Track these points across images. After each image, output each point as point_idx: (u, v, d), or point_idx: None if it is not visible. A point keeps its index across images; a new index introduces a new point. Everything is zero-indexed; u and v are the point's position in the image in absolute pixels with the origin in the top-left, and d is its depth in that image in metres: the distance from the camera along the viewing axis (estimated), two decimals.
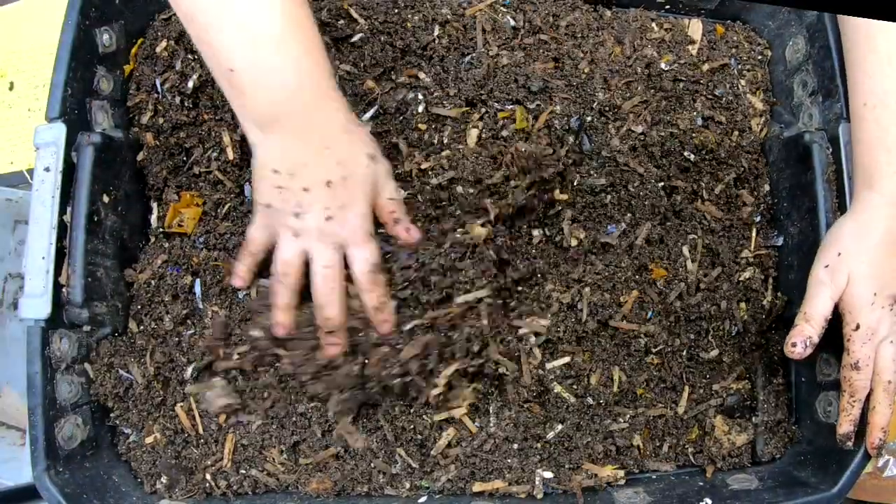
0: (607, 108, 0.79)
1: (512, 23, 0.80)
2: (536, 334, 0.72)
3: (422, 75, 0.78)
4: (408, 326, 0.69)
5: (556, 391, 0.73)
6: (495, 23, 0.80)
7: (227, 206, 0.76)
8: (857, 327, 0.68)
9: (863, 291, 0.68)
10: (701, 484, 0.73)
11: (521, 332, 0.72)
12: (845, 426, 0.69)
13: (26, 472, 0.66)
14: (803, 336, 0.69)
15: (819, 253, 0.71)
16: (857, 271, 0.68)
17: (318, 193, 0.64)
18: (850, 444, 0.69)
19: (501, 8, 0.82)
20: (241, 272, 0.71)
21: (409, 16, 0.79)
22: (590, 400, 0.73)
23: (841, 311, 0.69)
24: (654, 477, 0.75)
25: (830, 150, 0.75)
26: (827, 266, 0.69)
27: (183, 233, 0.76)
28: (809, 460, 0.73)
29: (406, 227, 0.70)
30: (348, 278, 0.68)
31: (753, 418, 0.77)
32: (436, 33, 0.79)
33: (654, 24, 0.84)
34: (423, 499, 0.72)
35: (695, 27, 0.84)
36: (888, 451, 0.87)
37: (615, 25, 0.83)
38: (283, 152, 0.64)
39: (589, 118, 0.78)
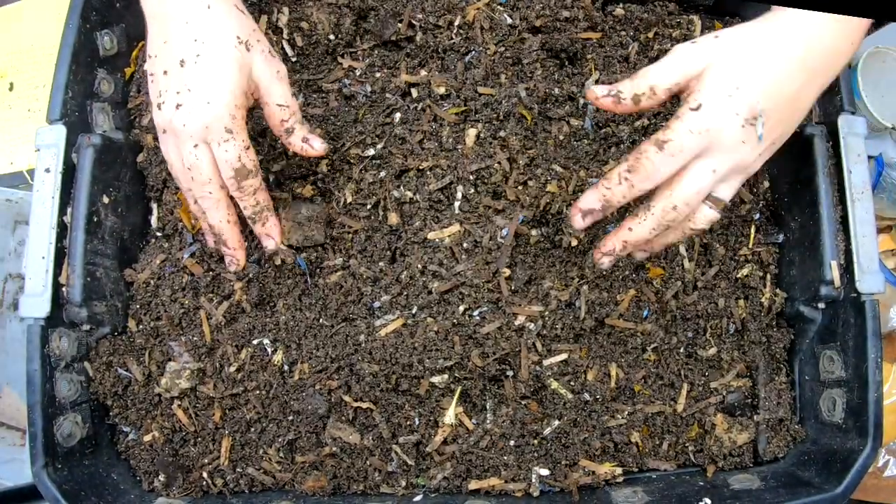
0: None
1: (509, 21, 0.80)
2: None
3: (422, 73, 0.78)
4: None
5: (552, 387, 0.72)
6: (492, 21, 0.80)
7: None
8: (698, 108, 0.55)
9: (725, 78, 0.55)
10: (701, 484, 0.72)
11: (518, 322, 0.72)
12: (591, 198, 0.59)
13: (26, 473, 0.67)
14: (615, 87, 0.58)
15: None
16: (727, 55, 0.56)
17: (172, 76, 0.57)
18: (579, 221, 0.61)
19: (498, 7, 0.82)
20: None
21: (410, 13, 0.79)
22: (587, 396, 0.73)
23: (685, 91, 0.58)
24: (653, 476, 0.74)
25: (830, 143, 0.74)
26: (695, 42, 0.58)
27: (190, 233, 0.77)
28: (813, 460, 0.72)
29: (303, 138, 0.61)
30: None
31: (755, 417, 0.75)
32: (438, 31, 0.79)
33: (655, 21, 0.83)
34: (418, 497, 0.71)
35: (694, 24, 0.84)
36: (888, 451, 0.85)
37: (616, 24, 0.83)
38: (152, 32, 0.59)
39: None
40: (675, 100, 0.61)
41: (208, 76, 0.57)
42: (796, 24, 0.57)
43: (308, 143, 0.62)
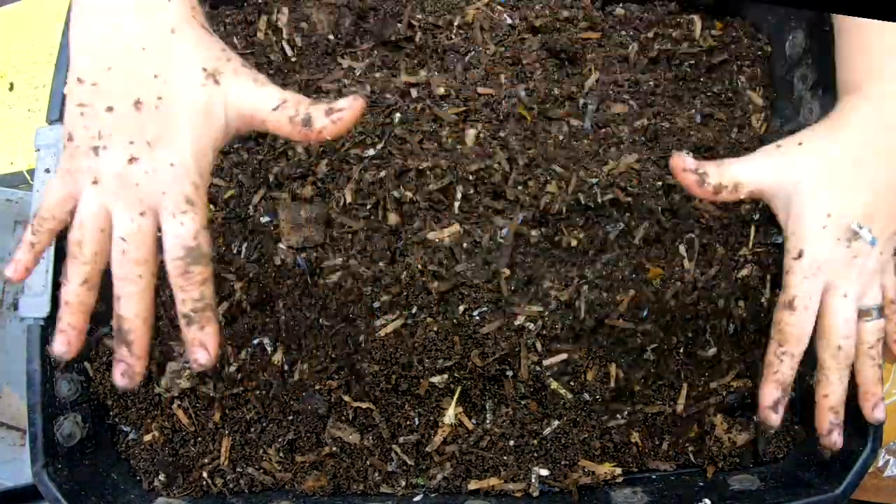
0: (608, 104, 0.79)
1: (509, 21, 0.80)
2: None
3: (422, 73, 0.78)
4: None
5: (552, 387, 0.72)
6: (492, 21, 0.80)
7: (220, 216, 0.77)
8: (800, 255, 0.55)
9: (814, 207, 0.54)
10: (701, 484, 0.72)
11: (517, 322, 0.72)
12: (770, 389, 0.57)
13: (26, 473, 0.67)
14: (703, 167, 0.55)
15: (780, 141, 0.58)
16: (812, 177, 0.54)
17: (123, 117, 0.45)
18: (775, 418, 0.58)
19: (498, 7, 0.82)
20: (20, 256, 0.50)
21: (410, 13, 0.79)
22: (586, 396, 0.73)
23: (784, 233, 0.57)
24: (653, 477, 0.74)
25: None
26: (780, 146, 0.57)
27: None
28: (813, 461, 0.72)
29: (326, 111, 0.48)
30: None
31: (755, 417, 0.75)
32: (438, 31, 0.79)
33: (656, 20, 0.83)
34: (418, 497, 0.71)
35: (694, 23, 0.84)
36: (888, 451, 0.85)
37: (616, 24, 0.83)
38: (90, 51, 0.46)
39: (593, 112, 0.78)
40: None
41: (174, 130, 0.46)
42: (877, 110, 0.55)
43: (340, 112, 0.48)
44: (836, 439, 0.60)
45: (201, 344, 0.49)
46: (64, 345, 0.50)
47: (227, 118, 0.49)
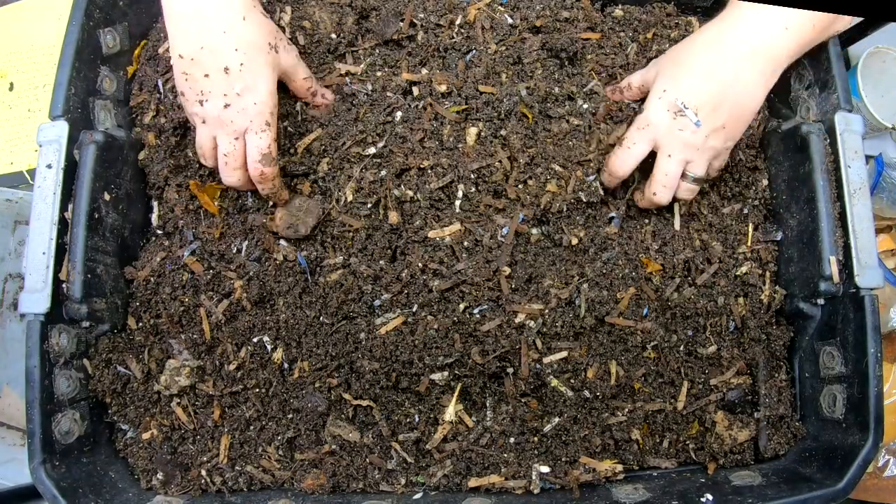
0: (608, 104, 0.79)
1: (509, 20, 0.81)
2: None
3: (424, 72, 0.79)
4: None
5: (553, 385, 0.72)
6: (493, 20, 0.81)
7: (220, 219, 0.77)
8: (642, 110, 0.73)
9: (658, 83, 0.71)
10: (702, 480, 0.71)
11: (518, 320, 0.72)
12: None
13: (26, 473, 0.66)
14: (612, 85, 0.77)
15: None
16: (665, 64, 0.72)
17: (216, 80, 0.65)
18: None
19: (499, 7, 0.83)
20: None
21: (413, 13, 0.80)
22: (587, 393, 0.73)
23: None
24: (654, 474, 0.73)
25: (828, 140, 0.74)
26: (657, 60, 0.75)
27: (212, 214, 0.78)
28: (814, 456, 0.72)
29: (321, 93, 0.77)
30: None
31: (755, 414, 0.75)
32: (439, 30, 0.80)
33: (654, 22, 0.84)
34: (418, 495, 0.71)
35: (692, 25, 0.85)
36: (888, 451, 0.85)
37: (615, 25, 0.84)
38: (185, 35, 0.65)
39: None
40: None
41: (253, 82, 0.66)
42: (735, 20, 0.69)
43: (324, 96, 0.77)
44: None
45: (279, 198, 0.74)
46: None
47: (279, 73, 0.70)
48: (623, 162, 0.73)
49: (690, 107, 0.69)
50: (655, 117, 0.71)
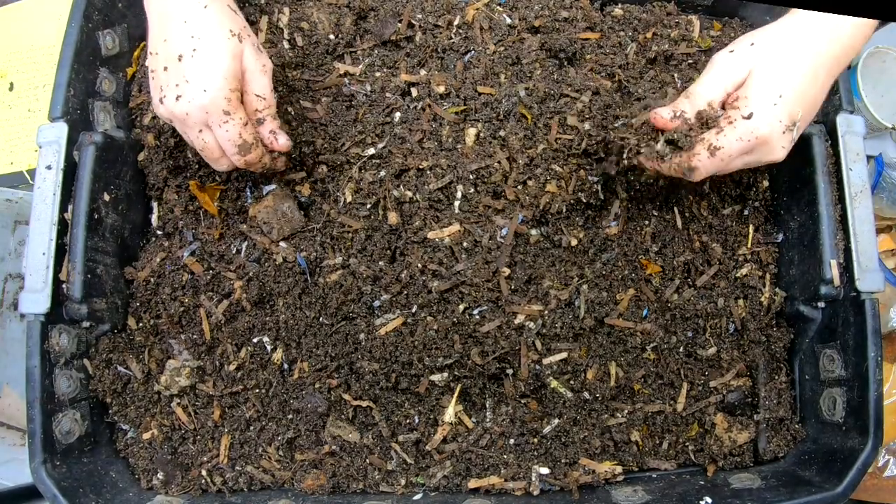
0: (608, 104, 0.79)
1: (508, 21, 0.81)
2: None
3: (422, 72, 0.78)
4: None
5: (552, 386, 0.72)
6: (492, 21, 0.81)
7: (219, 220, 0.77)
8: (749, 116, 0.60)
9: (770, 84, 0.60)
10: (702, 483, 0.71)
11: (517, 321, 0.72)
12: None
13: (26, 473, 0.66)
14: (676, 108, 0.63)
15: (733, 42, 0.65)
16: (765, 66, 0.61)
17: (171, 70, 0.62)
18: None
19: (497, 7, 0.82)
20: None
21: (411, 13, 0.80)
22: (586, 395, 0.73)
23: (731, 103, 0.63)
24: (654, 476, 0.73)
25: (829, 141, 0.74)
26: (733, 52, 0.63)
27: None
28: (814, 459, 0.72)
29: (271, 130, 0.65)
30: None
31: (755, 416, 0.75)
32: (438, 31, 0.80)
33: (654, 21, 0.84)
34: (418, 495, 0.71)
35: (692, 24, 0.84)
36: (889, 451, 0.85)
37: (614, 25, 0.83)
38: (153, 31, 0.63)
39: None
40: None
41: (204, 66, 0.61)
42: (819, 23, 0.62)
43: (274, 135, 0.66)
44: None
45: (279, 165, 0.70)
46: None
47: (242, 65, 0.64)
48: (705, 171, 0.62)
49: (800, 121, 0.61)
50: (768, 129, 0.60)
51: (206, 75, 0.61)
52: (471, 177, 0.75)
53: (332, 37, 0.79)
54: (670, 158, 0.63)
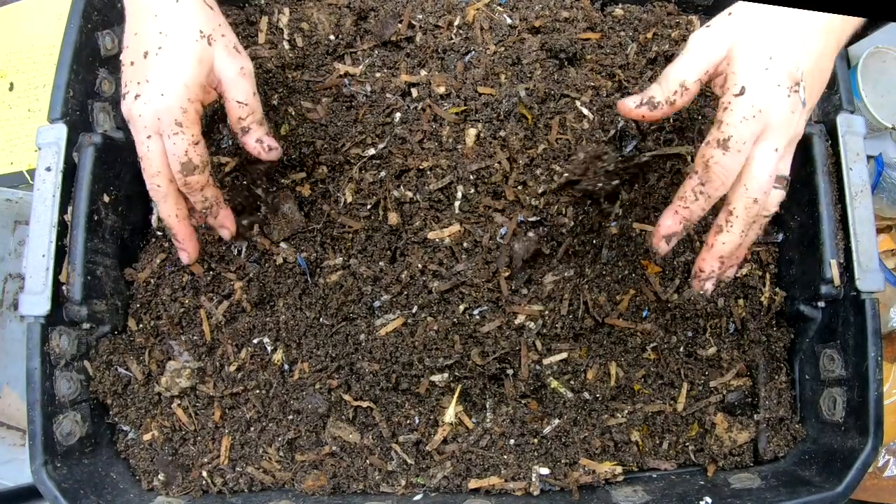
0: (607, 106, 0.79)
1: (508, 21, 0.81)
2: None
3: (422, 73, 0.78)
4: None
5: (552, 386, 0.72)
6: (492, 21, 0.81)
7: None
8: (742, 91, 0.52)
9: (756, 50, 0.53)
10: (702, 483, 0.71)
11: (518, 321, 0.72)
12: (671, 220, 0.55)
13: (26, 473, 0.66)
14: (645, 94, 0.56)
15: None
16: (748, 31, 0.53)
17: (136, 66, 0.58)
18: (665, 248, 0.56)
19: (498, 7, 0.82)
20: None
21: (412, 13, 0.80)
22: (586, 395, 0.73)
23: (720, 77, 0.56)
24: (654, 476, 0.74)
25: (829, 142, 0.74)
26: (709, 26, 0.56)
27: None
28: (814, 459, 0.72)
29: (258, 139, 0.61)
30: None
31: (755, 416, 0.75)
32: (438, 31, 0.80)
33: (654, 21, 0.83)
34: (418, 496, 0.71)
35: (693, 24, 0.84)
36: (889, 451, 0.85)
37: (615, 25, 0.83)
38: (127, 25, 0.60)
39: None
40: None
41: (165, 68, 0.57)
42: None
43: (262, 144, 0.62)
44: (708, 287, 0.59)
45: (221, 226, 0.64)
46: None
47: (211, 72, 0.60)
48: (729, 172, 0.53)
49: (803, 80, 0.52)
50: (767, 97, 0.52)
51: (166, 78, 0.57)
52: (471, 177, 0.75)
53: (332, 37, 0.79)
54: (698, 201, 0.55)
